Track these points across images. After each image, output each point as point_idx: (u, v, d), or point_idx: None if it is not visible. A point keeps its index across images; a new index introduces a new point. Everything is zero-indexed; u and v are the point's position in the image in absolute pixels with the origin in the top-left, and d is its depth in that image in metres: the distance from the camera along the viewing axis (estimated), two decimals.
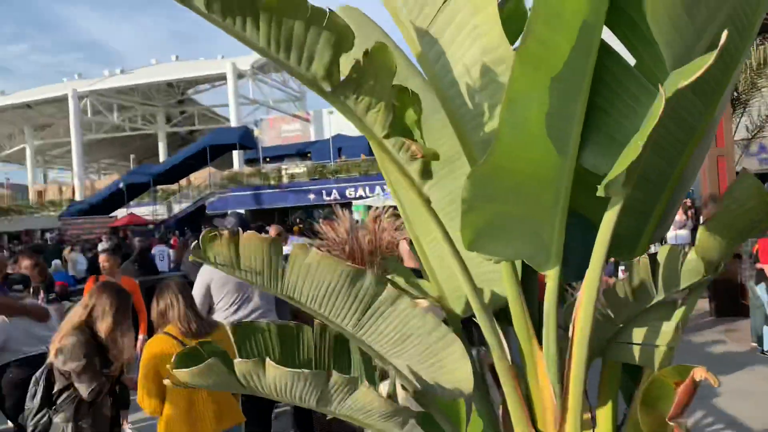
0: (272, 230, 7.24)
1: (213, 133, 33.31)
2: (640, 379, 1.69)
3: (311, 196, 28.06)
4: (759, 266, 6.76)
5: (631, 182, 1.17)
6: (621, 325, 1.57)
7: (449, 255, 1.30)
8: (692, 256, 1.48)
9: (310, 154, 33.01)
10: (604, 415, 1.62)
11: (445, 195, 1.50)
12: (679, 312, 1.54)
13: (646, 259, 1.47)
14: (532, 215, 1.24)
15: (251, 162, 34.26)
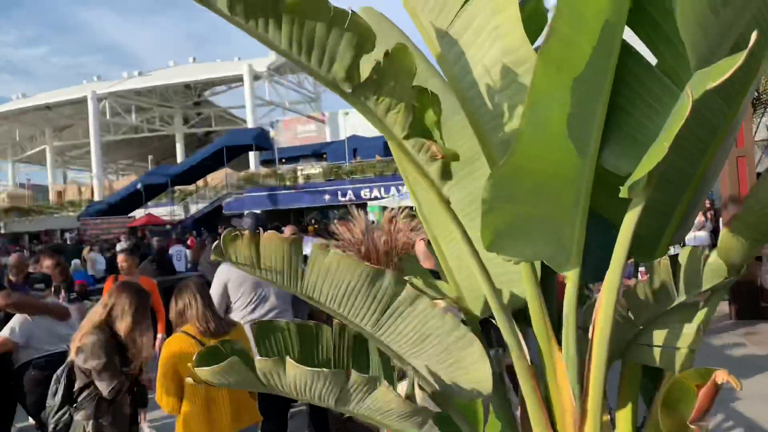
0: (287, 231, 7.25)
1: (229, 135, 33.54)
2: (660, 381, 1.67)
3: (326, 197, 28.13)
4: None
5: (652, 183, 1.16)
6: (641, 327, 1.55)
7: (468, 255, 1.30)
8: (714, 258, 1.46)
9: (325, 155, 33.06)
10: (624, 417, 1.61)
11: (465, 196, 1.50)
12: (701, 314, 1.52)
13: (667, 261, 1.46)
14: (553, 216, 1.23)
15: (267, 163, 34.41)
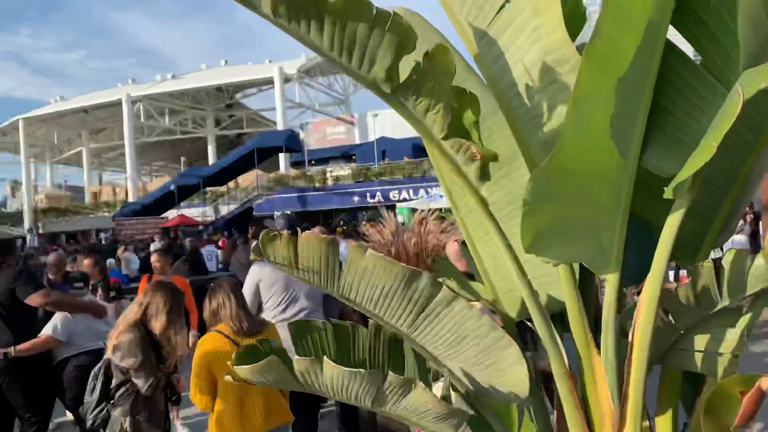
0: (315, 231, 7.30)
1: (260, 137, 33.87)
2: (701, 387, 1.64)
3: (355, 199, 28.23)
4: None
5: (697, 184, 1.14)
6: (682, 332, 1.52)
7: (506, 257, 1.29)
8: (759, 262, 1.42)
9: (354, 157, 33.18)
10: (664, 423, 1.58)
11: (503, 196, 1.48)
12: (745, 319, 1.48)
13: (710, 264, 1.42)
14: (593, 218, 1.22)
15: (297, 164, 34.70)
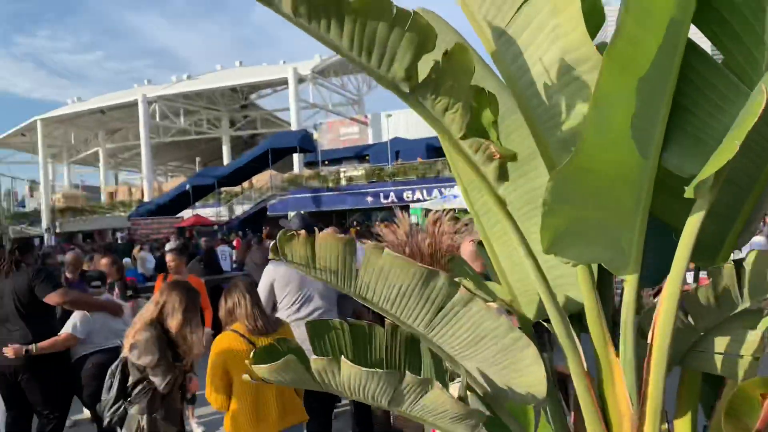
0: (329, 231, 7.32)
1: (274, 137, 34.05)
2: (720, 390, 1.62)
3: (369, 199, 28.25)
4: None
5: (719, 183, 1.13)
6: (702, 333, 1.50)
7: (524, 257, 1.28)
8: None
9: (367, 157, 33.21)
10: (683, 426, 1.56)
11: (520, 196, 1.48)
12: (765, 321, 1.46)
13: (731, 265, 1.40)
14: (613, 218, 1.21)
15: (311, 165, 34.80)
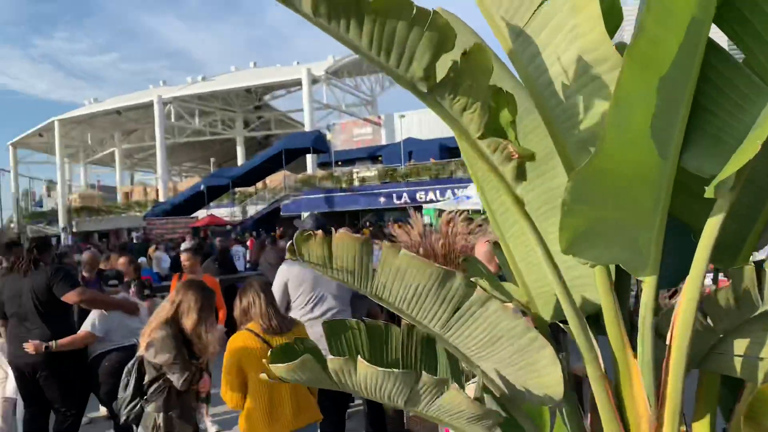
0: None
1: (288, 138, 34.18)
2: (740, 392, 1.60)
3: (382, 200, 28.26)
4: None
5: (740, 183, 1.12)
6: (721, 336, 1.49)
7: (541, 258, 1.28)
8: None
9: (380, 158, 33.22)
10: (701, 428, 1.55)
11: (537, 196, 1.47)
12: None
13: (752, 266, 1.39)
14: (632, 219, 1.20)
15: (324, 165, 34.89)
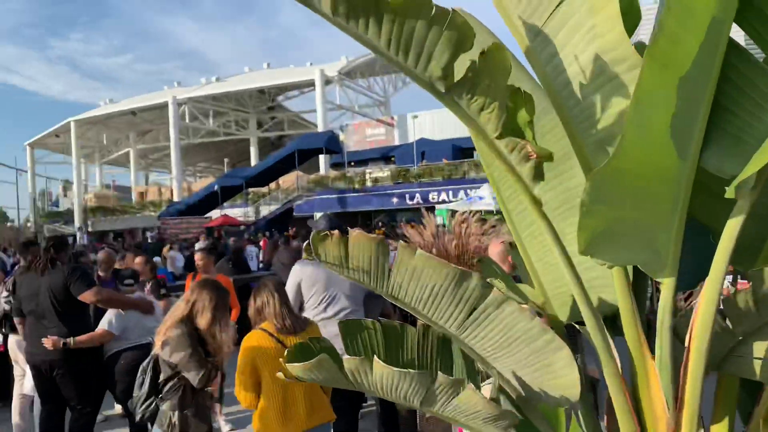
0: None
1: (301, 138, 34.20)
2: (759, 396, 1.58)
3: (394, 200, 28.22)
4: None
5: (760, 185, 1.10)
6: (740, 338, 1.47)
7: (559, 258, 1.27)
8: None
9: (393, 158, 33.20)
10: (720, 431, 1.53)
11: (554, 197, 1.47)
12: None
13: None
14: (650, 220, 1.19)
15: (337, 166, 34.92)
